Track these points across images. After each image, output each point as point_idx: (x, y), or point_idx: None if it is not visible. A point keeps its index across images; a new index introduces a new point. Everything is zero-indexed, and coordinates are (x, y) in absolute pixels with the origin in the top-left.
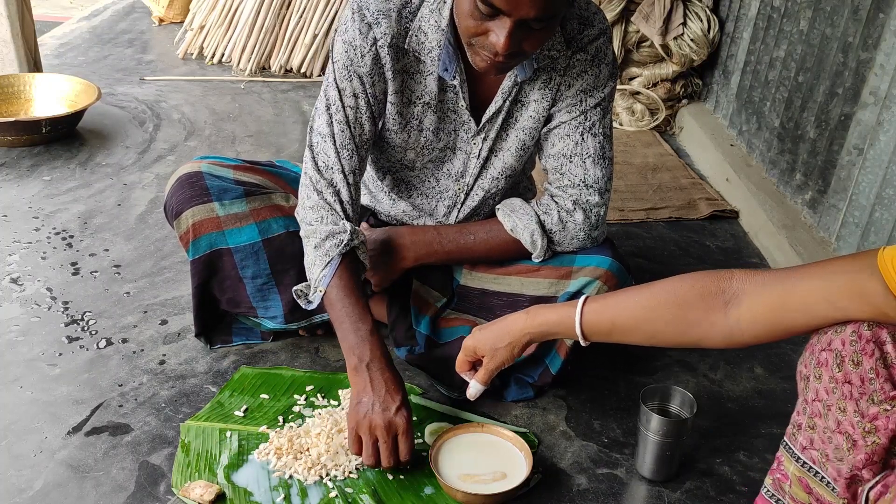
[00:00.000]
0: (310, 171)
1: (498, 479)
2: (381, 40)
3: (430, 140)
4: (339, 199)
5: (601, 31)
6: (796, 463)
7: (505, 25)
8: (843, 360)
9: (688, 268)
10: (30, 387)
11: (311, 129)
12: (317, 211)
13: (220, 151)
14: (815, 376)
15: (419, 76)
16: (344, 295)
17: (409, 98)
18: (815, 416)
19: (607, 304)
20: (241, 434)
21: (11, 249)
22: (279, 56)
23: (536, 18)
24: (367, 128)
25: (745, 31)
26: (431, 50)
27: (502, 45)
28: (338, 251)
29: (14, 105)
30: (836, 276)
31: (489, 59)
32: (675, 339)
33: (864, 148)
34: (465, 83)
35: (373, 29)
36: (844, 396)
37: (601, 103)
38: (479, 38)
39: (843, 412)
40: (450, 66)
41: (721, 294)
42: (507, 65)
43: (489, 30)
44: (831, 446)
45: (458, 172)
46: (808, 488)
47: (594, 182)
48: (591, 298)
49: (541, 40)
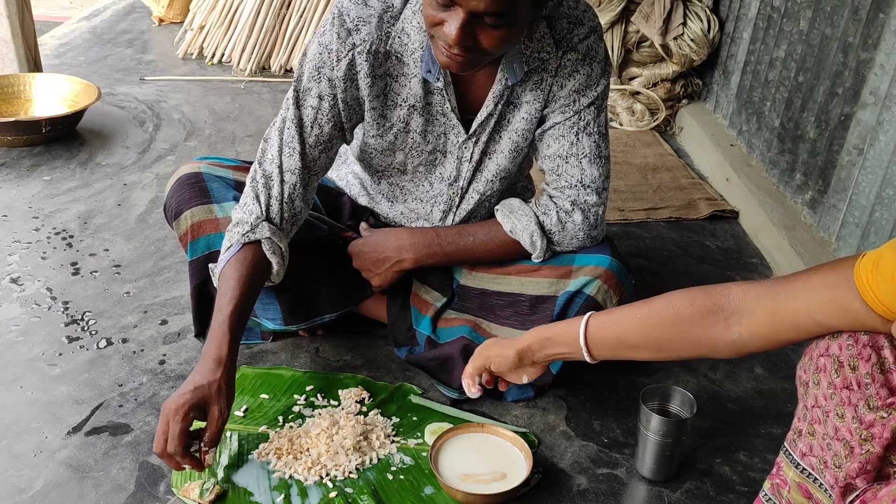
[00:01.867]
0: (256, 158)
1: (498, 479)
2: (360, 46)
3: (417, 142)
4: (267, 192)
5: (591, 30)
6: (795, 469)
7: (458, 16)
8: (841, 365)
9: (688, 268)
10: (30, 387)
11: (272, 123)
12: (244, 196)
13: (220, 151)
14: (815, 382)
15: (403, 79)
16: (224, 284)
17: (393, 101)
18: (814, 422)
19: (609, 320)
20: (241, 434)
21: (11, 249)
22: (279, 56)
23: (487, 13)
24: (327, 130)
25: (745, 31)
26: (414, 52)
27: (454, 36)
28: (237, 239)
29: (14, 105)
30: (818, 293)
31: (446, 51)
32: (682, 355)
33: (864, 148)
34: (450, 86)
35: (352, 35)
36: (843, 402)
37: (595, 102)
38: (437, 29)
39: (842, 418)
40: (433, 68)
41: (720, 312)
42: (467, 60)
43: (444, 20)
44: (830, 453)
45: (451, 176)
46: (807, 493)
47: (591, 182)
48: (594, 316)
49: (501, 39)
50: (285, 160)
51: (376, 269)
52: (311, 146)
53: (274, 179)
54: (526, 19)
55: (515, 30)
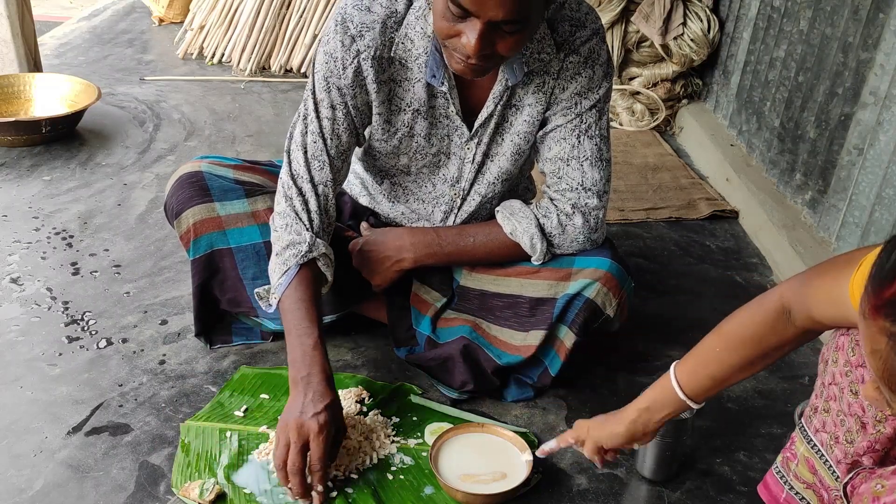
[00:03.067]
0: (284, 176)
1: (498, 479)
2: (365, 52)
3: (421, 145)
4: (306, 209)
5: (594, 32)
6: (807, 444)
7: (475, 27)
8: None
9: (688, 268)
10: (30, 387)
11: (289, 136)
12: (283, 217)
13: (220, 151)
14: (833, 360)
15: (407, 84)
16: (295, 307)
17: (397, 106)
18: (830, 399)
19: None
20: (241, 434)
21: (11, 249)
22: (279, 56)
23: (505, 21)
24: (345, 139)
25: (745, 31)
26: (418, 57)
27: (473, 47)
28: (295, 261)
29: (14, 105)
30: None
31: (462, 62)
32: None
33: (864, 148)
34: (454, 89)
35: (356, 42)
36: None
37: (596, 105)
38: (452, 41)
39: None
40: (437, 73)
41: (782, 315)
42: (483, 67)
43: (461, 32)
44: (843, 429)
45: (453, 178)
46: (813, 469)
47: (592, 185)
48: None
49: (516, 43)
50: (316, 174)
51: (376, 269)
52: (333, 157)
53: (309, 194)
54: (538, 20)
55: (528, 32)
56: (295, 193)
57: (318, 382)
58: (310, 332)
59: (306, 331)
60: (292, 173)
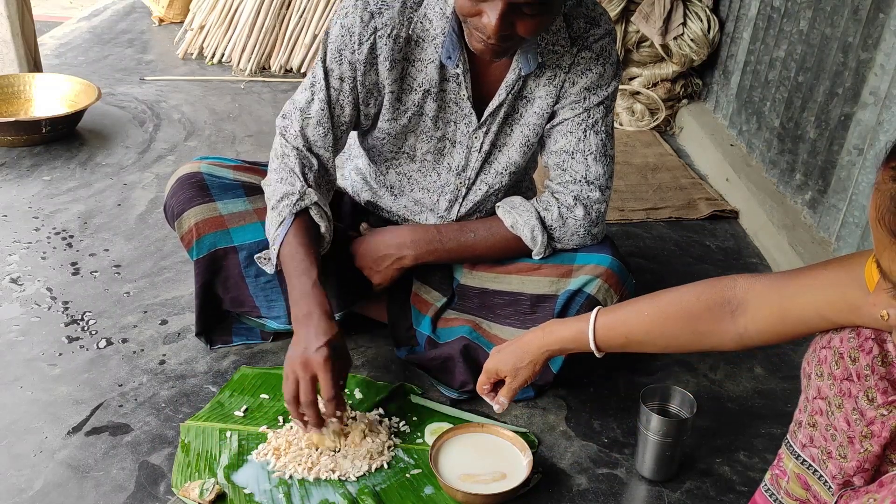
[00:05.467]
0: (278, 138)
1: (498, 479)
2: (382, 30)
3: (428, 126)
4: (300, 163)
5: (607, 31)
6: (796, 460)
7: (497, 7)
8: (841, 357)
9: (688, 268)
10: (30, 387)
11: (290, 102)
12: (278, 173)
13: (220, 151)
14: (817, 374)
15: (420, 64)
16: (294, 251)
17: (409, 85)
18: (815, 413)
19: (618, 318)
20: (240, 434)
21: (11, 249)
22: (279, 56)
23: (527, 2)
24: (348, 111)
25: (745, 31)
26: (436, 37)
27: (493, 27)
28: (289, 211)
29: (14, 105)
30: (827, 290)
31: (483, 41)
32: (689, 348)
33: (864, 148)
34: (468, 73)
35: (375, 18)
36: (842, 393)
37: (604, 101)
38: (474, 20)
39: (840, 408)
40: (453, 54)
41: (727, 304)
42: (503, 48)
43: (482, 11)
44: (835, 444)
45: (459, 167)
46: (805, 485)
47: (595, 178)
48: (602, 312)
49: (537, 25)
50: (319, 139)
51: (377, 267)
52: (336, 126)
53: (306, 153)
54: (558, 7)
55: (549, 17)
56: (290, 150)
57: (318, 318)
58: (308, 273)
59: (305, 271)
60: (289, 134)
